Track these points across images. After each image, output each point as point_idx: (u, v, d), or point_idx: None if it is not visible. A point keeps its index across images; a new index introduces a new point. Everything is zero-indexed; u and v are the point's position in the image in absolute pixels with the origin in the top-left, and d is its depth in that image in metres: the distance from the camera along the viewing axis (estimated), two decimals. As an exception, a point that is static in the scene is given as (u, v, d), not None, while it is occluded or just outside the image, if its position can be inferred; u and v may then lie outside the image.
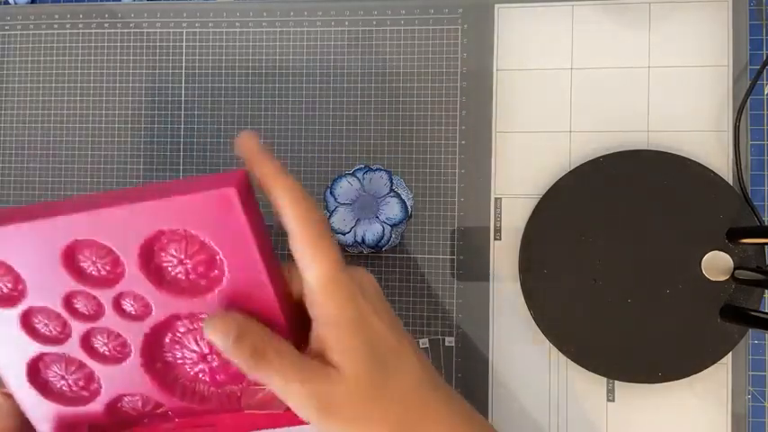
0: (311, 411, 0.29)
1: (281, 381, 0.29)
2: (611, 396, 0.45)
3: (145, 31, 0.50)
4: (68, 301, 0.30)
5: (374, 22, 0.48)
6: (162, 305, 0.29)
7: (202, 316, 0.30)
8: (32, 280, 0.29)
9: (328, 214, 0.45)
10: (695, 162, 0.44)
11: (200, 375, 0.32)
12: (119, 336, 0.31)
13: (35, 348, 0.31)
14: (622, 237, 0.44)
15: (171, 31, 0.50)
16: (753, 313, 0.40)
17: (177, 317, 0.30)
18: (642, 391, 0.44)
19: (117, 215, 0.27)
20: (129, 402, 0.33)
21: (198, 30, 0.50)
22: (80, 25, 0.51)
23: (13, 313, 0.30)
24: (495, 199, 0.46)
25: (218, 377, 0.32)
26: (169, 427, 0.33)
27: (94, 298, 0.29)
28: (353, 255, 0.47)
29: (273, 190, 0.29)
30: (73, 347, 0.31)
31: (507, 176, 0.46)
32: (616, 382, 0.45)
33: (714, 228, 0.43)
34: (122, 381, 0.32)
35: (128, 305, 0.30)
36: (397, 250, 0.47)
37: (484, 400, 0.46)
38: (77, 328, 0.30)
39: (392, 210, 0.44)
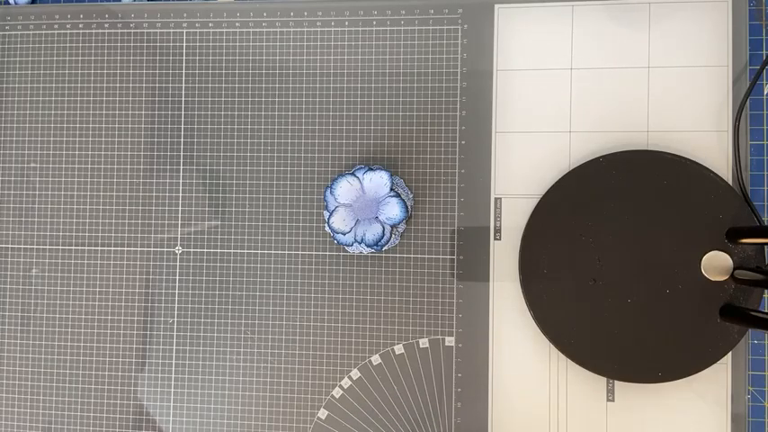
0: None
1: None
2: (611, 396, 0.45)
3: (145, 31, 0.50)
4: None
5: (374, 22, 0.48)
6: None
7: None
8: None
9: (328, 214, 0.45)
10: (695, 162, 0.44)
11: None
12: None
13: None
14: (622, 237, 0.44)
15: (171, 31, 0.50)
16: (752, 313, 0.40)
17: None
18: (642, 391, 0.44)
19: None
20: None
21: (198, 30, 0.50)
22: (80, 25, 0.51)
23: None
24: (495, 199, 0.46)
25: None
26: None
27: None
28: (353, 255, 0.47)
29: None
30: None
31: (507, 176, 0.46)
32: (616, 382, 0.45)
33: (714, 228, 0.43)
34: None
35: None
36: (397, 250, 0.47)
37: (484, 400, 0.46)
38: None
39: (392, 210, 0.44)
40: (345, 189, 0.45)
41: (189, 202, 0.49)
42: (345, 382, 0.47)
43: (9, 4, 0.52)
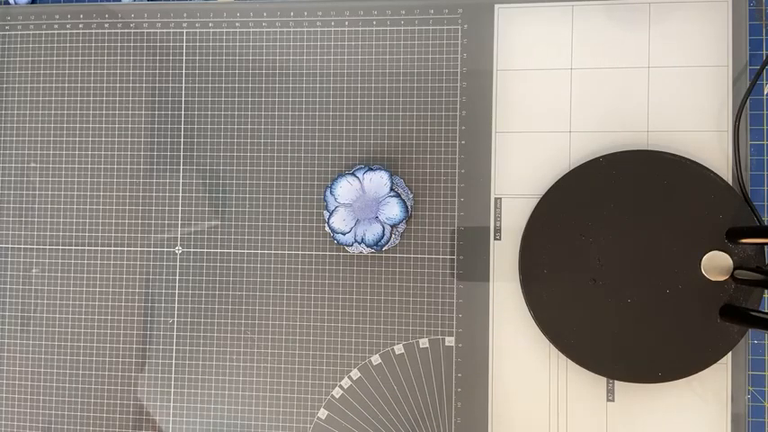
0: None
1: None
2: (611, 396, 0.45)
3: (145, 31, 0.50)
4: None
5: (374, 22, 0.48)
6: None
7: None
8: None
9: (328, 214, 0.45)
10: (695, 162, 0.44)
11: None
12: None
13: None
14: (622, 237, 0.44)
15: (171, 31, 0.50)
16: (752, 313, 0.40)
17: None
18: (642, 391, 0.44)
19: None
20: None
21: (198, 30, 0.50)
22: (80, 25, 0.51)
23: None
24: (495, 199, 0.46)
25: None
26: None
27: None
28: (353, 255, 0.47)
29: None
30: None
31: (507, 176, 0.46)
32: (616, 382, 0.45)
33: (714, 228, 0.43)
34: None
35: None
36: (397, 250, 0.47)
37: (484, 400, 0.46)
38: None
39: (392, 210, 0.44)
40: (345, 189, 0.45)
41: (189, 202, 0.49)
42: (345, 382, 0.47)
43: (9, 4, 0.52)
